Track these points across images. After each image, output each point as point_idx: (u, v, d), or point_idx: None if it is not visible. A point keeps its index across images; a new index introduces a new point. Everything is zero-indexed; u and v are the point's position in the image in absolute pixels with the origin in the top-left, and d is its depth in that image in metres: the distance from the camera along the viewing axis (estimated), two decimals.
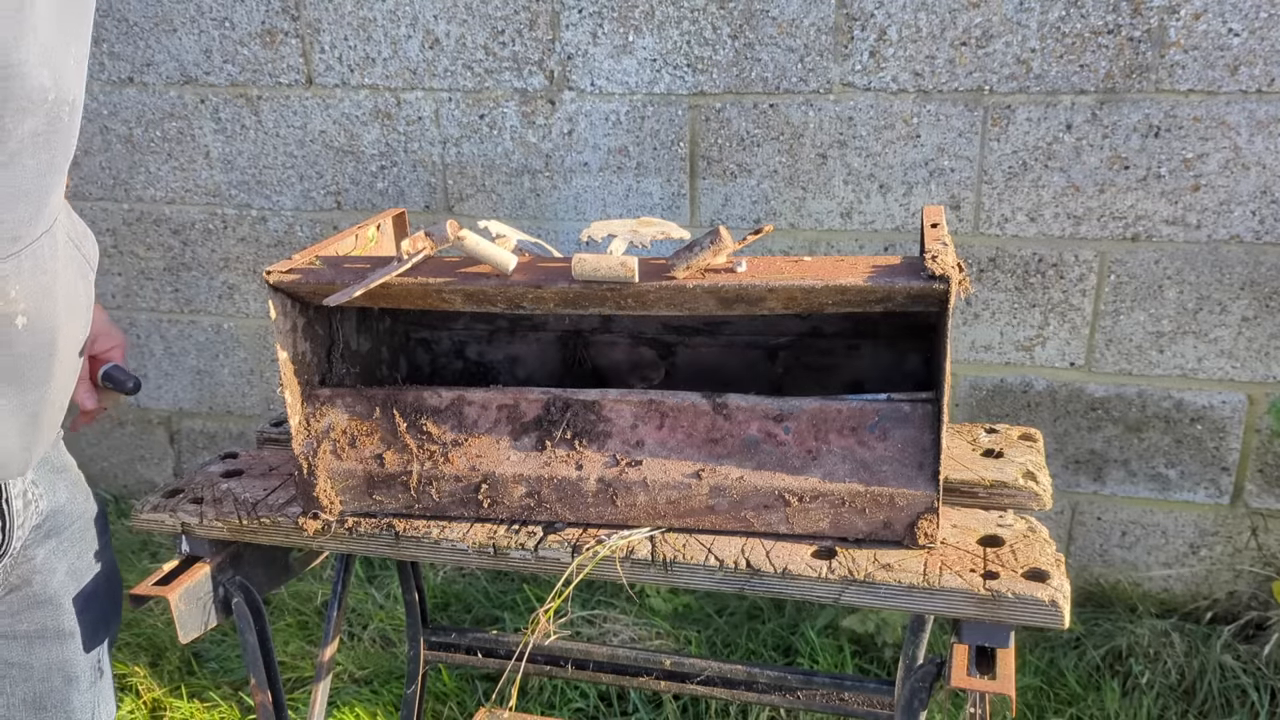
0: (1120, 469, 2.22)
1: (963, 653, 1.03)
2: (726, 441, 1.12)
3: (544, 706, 2.09)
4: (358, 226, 1.34)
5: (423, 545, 1.17)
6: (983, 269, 2.14)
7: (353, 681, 2.21)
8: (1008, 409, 2.24)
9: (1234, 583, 2.23)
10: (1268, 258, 1.99)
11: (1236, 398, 2.10)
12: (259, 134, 2.47)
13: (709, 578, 1.08)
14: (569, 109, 2.24)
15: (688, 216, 2.26)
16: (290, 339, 1.18)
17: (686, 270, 1.04)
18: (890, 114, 2.07)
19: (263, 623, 1.32)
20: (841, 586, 1.04)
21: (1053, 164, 2.03)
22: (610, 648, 1.66)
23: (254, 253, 2.60)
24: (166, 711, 2.14)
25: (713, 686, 1.59)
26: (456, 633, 1.74)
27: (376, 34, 2.29)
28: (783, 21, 2.06)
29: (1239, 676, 2.03)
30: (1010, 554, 1.05)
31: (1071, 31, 1.93)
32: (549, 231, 2.35)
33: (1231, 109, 1.91)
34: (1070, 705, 2.02)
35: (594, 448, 1.14)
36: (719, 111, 2.16)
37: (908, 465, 1.07)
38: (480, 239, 1.10)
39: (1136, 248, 2.05)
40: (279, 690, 1.37)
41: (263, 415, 2.74)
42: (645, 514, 1.12)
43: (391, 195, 2.43)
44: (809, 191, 2.17)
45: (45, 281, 0.89)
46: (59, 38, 0.80)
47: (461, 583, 2.48)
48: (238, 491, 1.28)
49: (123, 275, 2.72)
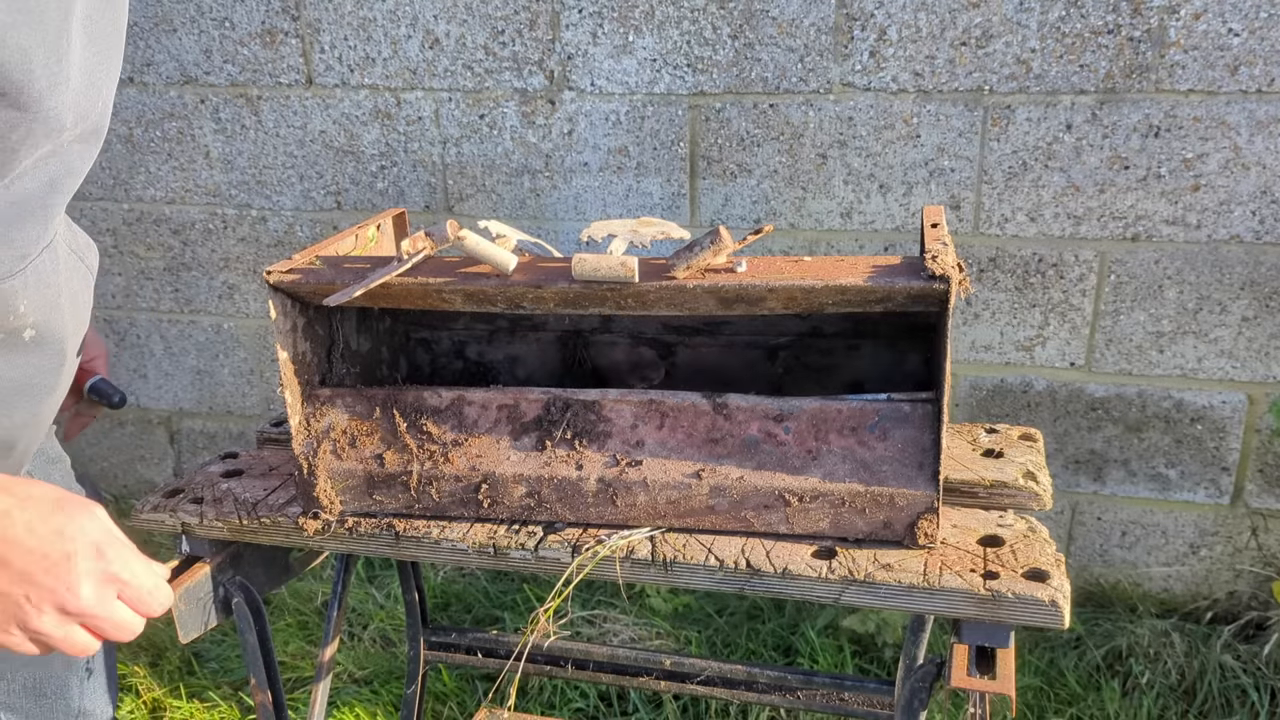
0: (1120, 469, 2.22)
1: (963, 653, 1.03)
2: (726, 441, 1.12)
3: (544, 706, 2.09)
4: (358, 226, 1.34)
5: (423, 545, 1.17)
6: (983, 269, 2.14)
7: (353, 681, 2.21)
8: (1008, 409, 2.24)
9: (1234, 583, 2.23)
10: (1268, 258, 1.99)
11: (1236, 398, 2.10)
12: (259, 134, 2.47)
13: (709, 578, 1.08)
14: (569, 109, 2.24)
15: (688, 216, 2.26)
16: (290, 339, 1.18)
17: (686, 270, 1.04)
18: (890, 114, 2.07)
19: (263, 623, 1.32)
20: (841, 586, 1.04)
21: (1053, 164, 2.03)
22: (610, 648, 1.66)
23: (254, 253, 2.60)
24: (166, 711, 2.15)
25: (713, 686, 1.59)
26: (456, 633, 1.74)
27: (376, 34, 2.29)
28: (783, 21, 2.06)
29: (1239, 676, 2.03)
30: (1010, 554, 1.05)
31: (1071, 31, 1.93)
32: (549, 231, 2.35)
33: (1231, 109, 1.91)
34: (1070, 705, 2.02)
35: (594, 448, 1.14)
36: (719, 111, 2.16)
37: (908, 465, 1.07)
38: (480, 239, 1.10)
39: (1136, 248, 2.05)
40: (279, 690, 1.37)
41: (263, 415, 2.74)
42: (645, 514, 1.12)
43: (391, 195, 2.43)
44: (809, 191, 2.17)
45: (51, 295, 0.90)
46: (88, 81, 0.83)
47: (461, 583, 2.48)
48: (238, 491, 1.28)
49: (123, 275, 2.72)
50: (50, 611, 0.79)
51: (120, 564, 0.83)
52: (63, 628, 0.80)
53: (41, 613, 0.79)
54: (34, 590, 0.78)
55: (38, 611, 0.79)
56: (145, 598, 0.86)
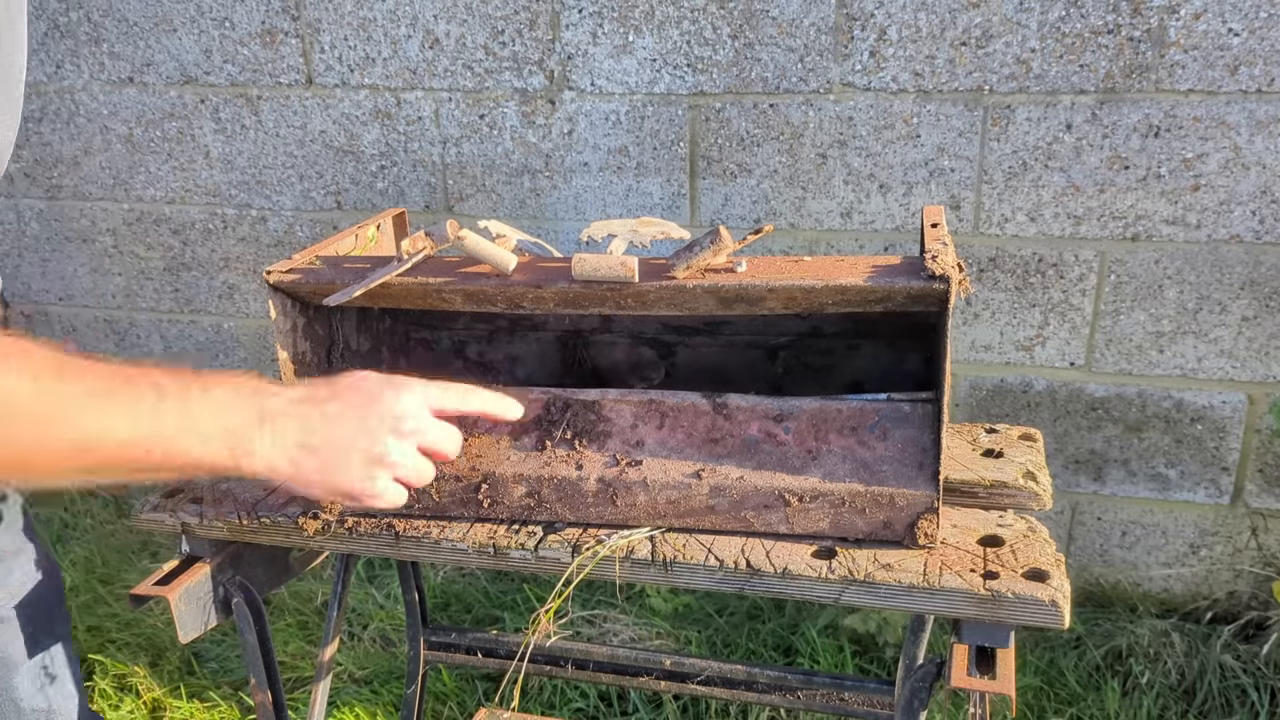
0: (1120, 469, 2.22)
1: (963, 653, 1.03)
2: (726, 441, 1.12)
3: (544, 706, 2.09)
4: (358, 226, 1.34)
5: (423, 545, 1.17)
6: (983, 269, 2.14)
7: (353, 681, 2.21)
8: (1008, 409, 2.24)
9: (1234, 583, 2.23)
10: (1268, 258, 1.99)
11: (1236, 398, 2.10)
12: (259, 134, 2.47)
13: (709, 578, 1.08)
14: (569, 109, 2.24)
15: (688, 216, 2.26)
16: (290, 339, 1.18)
17: (686, 270, 1.04)
18: (890, 114, 2.07)
19: (263, 623, 1.32)
20: (841, 586, 1.04)
21: (1053, 164, 2.03)
22: (610, 648, 1.66)
23: (254, 253, 2.60)
24: (166, 711, 2.15)
25: (713, 686, 1.59)
26: (456, 633, 1.74)
27: (376, 34, 2.29)
28: (783, 21, 2.06)
29: (1239, 676, 2.03)
30: (1010, 554, 1.05)
31: (1071, 31, 1.93)
32: (549, 231, 2.35)
33: (1231, 109, 1.91)
34: (1070, 705, 2.02)
35: (594, 448, 1.14)
36: (719, 111, 2.16)
37: (908, 465, 1.07)
38: (480, 239, 1.10)
39: (1136, 247, 2.05)
40: (279, 690, 1.37)
41: None
42: (645, 514, 1.12)
43: (391, 195, 2.43)
44: (809, 191, 2.17)
45: None
46: None
47: (461, 583, 2.48)
48: (238, 491, 1.28)
49: (123, 275, 2.72)
50: (391, 440, 0.94)
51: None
52: (406, 451, 0.96)
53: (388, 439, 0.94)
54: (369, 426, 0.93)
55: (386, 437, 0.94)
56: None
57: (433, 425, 0.98)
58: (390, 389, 0.95)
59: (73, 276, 2.77)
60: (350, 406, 0.92)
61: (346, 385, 0.94)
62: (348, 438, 0.91)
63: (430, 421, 0.98)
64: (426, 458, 0.98)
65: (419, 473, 0.97)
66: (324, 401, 0.91)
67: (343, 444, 0.91)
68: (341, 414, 0.92)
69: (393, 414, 0.94)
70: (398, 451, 0.94)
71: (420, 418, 0.96)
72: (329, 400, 0.92)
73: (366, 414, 0.93)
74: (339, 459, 0.91)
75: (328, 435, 0.90)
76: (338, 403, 0.92)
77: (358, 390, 0.94)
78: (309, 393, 0.92)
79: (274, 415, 0.87)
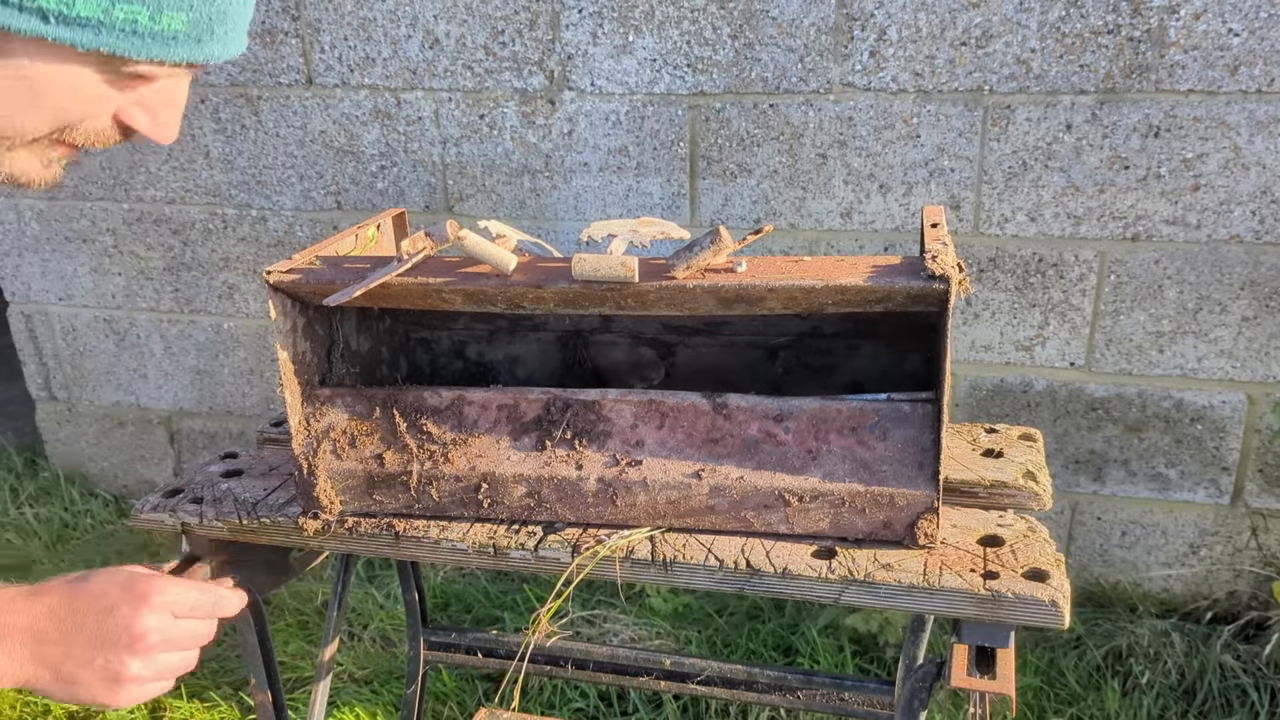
0: (1120, 469, 2.22)
1: (963, 653, 1.03)
2: (726, 441, 1.12)
3: (544, 706, 2.09)
4: (358, 226, 1.34)
5: (423, 545, 1.17)
6: (983, 269, 2.14)
7: (353, 681, 2.21)
8: (1008, 409, 2.24)
9: (1234, 583, 2.23)
10: (1268, 258, 1.99)
11: (1236, 398, 2.10)
12: (259, 134, 2.47)
13: (709, 578, 1.08)
14: (569, 109, 2.24)
15: (688, 216, 2.26)
16: (290, 339, 1.18)
17: (686, 270, 1.04)
18: (890, 114, 2.07)
19: (263, 623, 1.32)
20: (841, 586, 1.04)
21: (1053, 164, 2.03)
22: (610, 648, 1.66)
23: (254, 253, 2.60)
24: (166, 711, 2.14)
25: (713, 686, 1.59)
26: (456, 633, 1.74)
27: (376, 34, 2.29)
28: (783, 21, 2.06)
29: (1239, 676, 2.03)
30: (1010, 554, 1.05)
31: (1071, 31, 1.93)
32: (549, 231, 2.35)
33: (1231, 109, 1.91)
34: (1070, 705, 2.02)
35: (594, 448, 1.14)
36: (719, 111, 2.16)
37: (908, 465, 1.07)
38: (480, 239, 1.10)
39: (1136, 248, 2.05)
40: (279, 690, 1.37)
41: (263, 415, 2.74)
42: (645, 514, 1.12)
43: (391, 195, 2.43)
44: (809, 191, 2.17)
45: None
46: None
47: (461, 583, 2.48)
48: (238, 491, 1.28)
49: (123, 275, 2.72)
50: (129, 659, 0.92)
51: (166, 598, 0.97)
52: (150, 663, 0.94)
53: (125, 662, 0.92)
54: (103, 654, 0.92)
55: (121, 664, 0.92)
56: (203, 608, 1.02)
57: (178, 633, 0.97)
58: (127, 606, 0.93)
59: (73, 276, 2.77)
60: (82, 629, 0.91)
61: (87, 598, 0.93)
62: (84, 657, 0.91)
63: (174, 630, 0.96)
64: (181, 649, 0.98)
65: (170, 671, 0.97)
66: (61, 620, 0.91)
67: (79, 661, 0.91)
68: (76, 634, 0.91)
69: (129, 633, 0.92)
70: (138, 666, 0.93)
71: (163, 630, 0.95)
72: (66, 619, 0.91)
73: (100, 634, 0.91)
74: (76, 675, 0.90)
75: (61, 655, 0.90)
76: (73, 622, 0.91)
77: (96, 604, 0.92)
78: (48, 606, 0.91)
79: (9, 633, 0.88)
